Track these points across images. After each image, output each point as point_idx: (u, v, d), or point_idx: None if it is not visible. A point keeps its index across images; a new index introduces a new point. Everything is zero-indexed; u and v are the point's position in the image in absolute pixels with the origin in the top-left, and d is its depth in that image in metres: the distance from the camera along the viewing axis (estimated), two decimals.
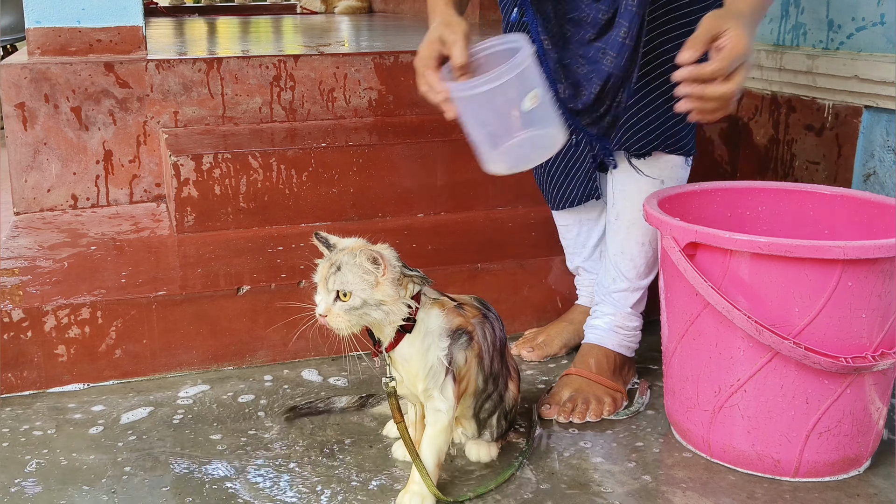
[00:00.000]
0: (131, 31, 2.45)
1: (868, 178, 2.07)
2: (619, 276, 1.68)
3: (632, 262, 1.67)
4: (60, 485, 1.39)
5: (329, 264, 1.26)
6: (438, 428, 1.33)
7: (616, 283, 1.69)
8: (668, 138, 1.60)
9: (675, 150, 1.62)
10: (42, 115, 2.30)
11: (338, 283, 1.24)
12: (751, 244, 1.32)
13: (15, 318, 1.68)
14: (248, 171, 2.14)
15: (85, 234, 2.15)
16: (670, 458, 1.49)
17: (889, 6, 2.01)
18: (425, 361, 1.30)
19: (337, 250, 1.28)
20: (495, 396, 1.43)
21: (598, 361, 1.69)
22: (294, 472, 1.42)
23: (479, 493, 1.36)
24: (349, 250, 1.26)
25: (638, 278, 1.68)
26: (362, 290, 1.24)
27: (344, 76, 2.52)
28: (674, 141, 1.61)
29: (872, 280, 1.32)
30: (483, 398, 1.41)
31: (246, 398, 1.68)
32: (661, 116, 1.58)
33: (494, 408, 1.43)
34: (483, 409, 1.42)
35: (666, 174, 1.64)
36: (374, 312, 1.25)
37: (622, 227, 1.67)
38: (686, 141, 1.63)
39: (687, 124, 1.60)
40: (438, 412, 1.32)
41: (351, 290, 1.24)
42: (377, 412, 1.60)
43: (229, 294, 1.79)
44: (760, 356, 1.36)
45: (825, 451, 1.40)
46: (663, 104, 1.56)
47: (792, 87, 2.26)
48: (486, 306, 1.43)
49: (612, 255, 1.70)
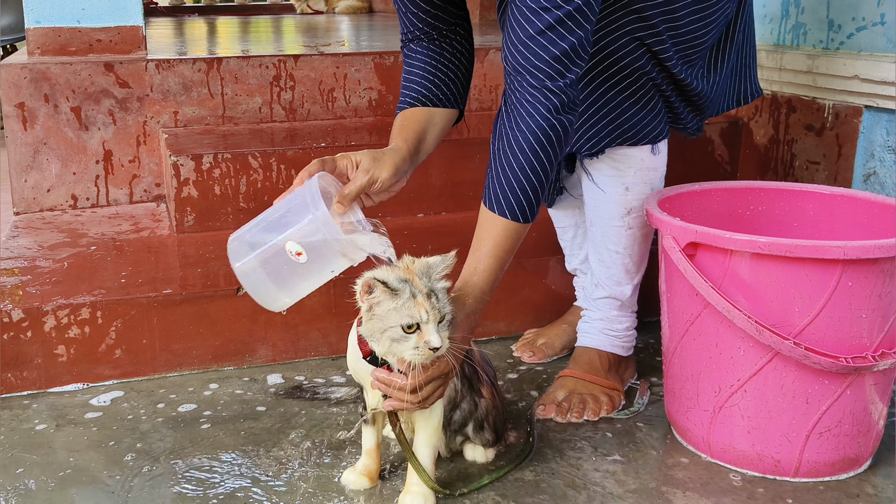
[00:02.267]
0: (131, 31, 2.45)
1: (868, 178, 2.07)
2: (599, 283, 1.68)
3: (608, 270, 1.66)
4: (60, 485, 1.39)
5: (424, 296, 1.18)
6: (431, 430, 1.32)
7: (597, 291, 1.69)
8: (628, 130, 1.51)
9: (639, 140, 1.53)
10: (42, 115, 2.30)
11: (443, 310, 1.18)
12: (751, 244, 1.32)
13: (15, 318, 1.67)
14: (248, 171, 2.14)
15: (85, 234, 2.15)
16: (670, 458, 1.49)
17: (889, 6, 2.01)
18: None
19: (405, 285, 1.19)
20: (465, 406, 1.40)
21: (591, 361, 1.68)
22: (294, 473, 1.42)
23: (473, 488, 1.37)
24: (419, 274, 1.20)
25: (616, 285, 1.66)
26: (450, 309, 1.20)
27: (344, 76, 2.52)
28: (635, 131, 1.52)
29: (873, 280, 1.32)
30: (451, 409, 1.38)
31: (246, 398, 1.68)
32: (614, 109, 1.50)
33: (465, 420, 1.41)
34: (452, 422, 1.40)
35: (628, 173, 1.56)
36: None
37: (596, 234, 1.65)
38: (651, 128, 1.53)
39: (651, 111, 1.52)
40: (430, 415, 1.32)
41: (447, 312, 1.20)
42: None
43: (229, 294, 1.79)
44: (761, 356, 1.36)
45: (825, 451, 1.40)
46: (615, 96, 1.48)
47: (792, 87, 2.26)
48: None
49: (591, 261, 1.69)
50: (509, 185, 1.32)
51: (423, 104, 1.50)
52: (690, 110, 1.60)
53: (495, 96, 2.65)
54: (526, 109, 1.30)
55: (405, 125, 1.47)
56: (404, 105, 1.52)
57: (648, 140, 1.55)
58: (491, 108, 2.65)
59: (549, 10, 1.26)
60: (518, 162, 1.31)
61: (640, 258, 1.65)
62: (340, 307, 1.84)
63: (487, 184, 1.35)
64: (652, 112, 1.53)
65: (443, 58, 1.53)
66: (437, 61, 1.53)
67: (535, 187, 1.32)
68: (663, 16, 1.45)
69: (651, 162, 1.58)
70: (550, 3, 1.26)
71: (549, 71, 1.28)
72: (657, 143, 1.57)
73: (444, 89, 1.51)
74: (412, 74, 1.53)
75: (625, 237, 1.61)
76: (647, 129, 1.54)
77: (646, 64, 1.48)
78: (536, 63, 1.28)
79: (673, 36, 1.48)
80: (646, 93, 1.51)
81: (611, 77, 1.49)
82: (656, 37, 1.46)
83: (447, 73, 1.52)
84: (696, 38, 1.50)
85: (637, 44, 1.46)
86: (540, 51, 1.28)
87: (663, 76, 1.51)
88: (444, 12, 1.52)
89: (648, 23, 1.44)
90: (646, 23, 1.44)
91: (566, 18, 1.27)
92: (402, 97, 1.53)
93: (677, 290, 1.45)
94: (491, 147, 1.37)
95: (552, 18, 1.26)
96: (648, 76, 1.50)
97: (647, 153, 1.57)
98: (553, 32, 1.27)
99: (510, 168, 1.31)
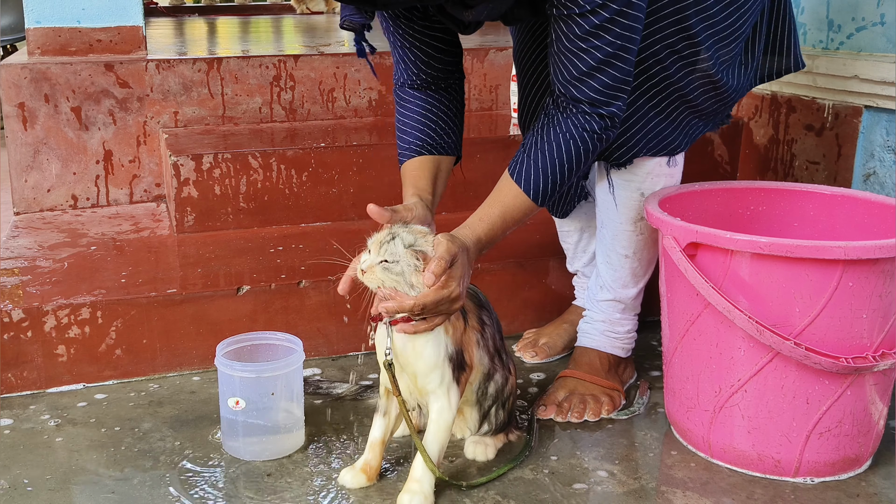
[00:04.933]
0: (131, 31, 2.45)
1: (868, 178, 2.07)
2: (605, 285, 1.68)
3: (615, 273, 1.66)
4: (61, 485, 1.39)
5: (388, 232, 1.29)
6: (442, 425, 1.33)
7: (602, 293, 1.69)
8: (650, 141, 1.54)
9: (658, 151, 1.56)
10: (42, 115, 2.30)
11: (388, 253, 1.27)
12: (752, 244, 1.32)
13: (15, 318, 1.67)
14: (248, 171, 2.14)
15: (85, 234, 2.15)
16: (670, 458, 1.49)
17: (889, 6, 2.01)
18: (436, 357, 1.31)
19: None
20: (499, 379, 1.43)
21: (591, 362, 1.69)
22: (294, 471, 1.42)
23: (473, 486, 1.37)
24: (413, 230, 1.30)
25: (622, 288, 1.66)
26: (406, 265, 1.26)
27: (344, 76, 2.52)
28: (656, 143, 1.55)
29: (873, 280, 1.32)
30: (486, 381, 1.42)
31: None
32: (641, 119, 1.53)
33: (497, 394, 1.44)
34: (487, 395, 1.43)
35: (646, 180, 1.58)
36: (404, 286, 1.27)
37: (606, 236, 1.65)
38: (670, 140, 1.56)
39: (672, 122, 1.54)
40: (443, 410, 1.33)
41: (398, 260, 1.27)
42: (371, 403, 1.62)
43: (229, 294, 1.79)
44: (761, 356, 1.36)
45: (825, 451, 1.40)
46: (643, 105, 1.51)
47: (792, 87, 2.26)
48: (476, 293, 1.45)
49: (598, 263, 1.69)
50: (539, 167, 1.39)
51: (430, 152, 1.54)
52: (719, 107, 1.60)
53: (495, 96, 2.65)
54: (575, 122, 1.39)
55: (420, 174, 1.52)
56: (411, 153, 1.55)
57: (667, 152, 1.57)
58: (491, 108, 2.65)
59: (600, 48, 1.33)
60: (552, 153, 1.39)
61: (648, 262, 1.65)
62: (340, 307, 1.84)
63: (518, 156, 1.42)
64: (673, 124, 1.55)
65: (442, 105, 1.56)
66: (438, 109, 1.56)
67: (556, 181, 1.40)
68: (698, 15, 1.46)
69: (667, 171, 1.60)
70: (601, 40, 1.33)
71: (602, 99, 1.37)
72: (674, 155, 1.59)
73: (445, 138, 1.55)
74: (412, 120, 1.56)
75: (635, 241, 1.62)
76: (668, 141, 1.56)
77: (675, 73, 1.48)
78: (591, 94, 1.37)
79: (711, 35, 1.48)
80: (670, 103, 1.52)
81: (641, 87, 1.50)
82: (689, 39, 1.46)
83: (447, 122, 1.56)
84: (733, 31, 1.51)
85: (668, 52, 1.47)
86: (594, 83, 1.36)
87: (690, 79, 1.50)
88: (444, 63, 1.55)
89: (685, 24, 1.45)
90: (682, 24, 1.45)
91: (613, 58, 1.34)
92: (407, 144, 1.56)
93: (678, 290, 1.45)
94: (536, 124, 1.43)
95: (603, 55, 1.34)
96: (676, 86, 1.50)
97: (664, 163, 1.59)
98: (603, 70, 1.35)
99: (544, 154, 1.40)
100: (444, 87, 1.56)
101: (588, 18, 1.31)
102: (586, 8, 1.30)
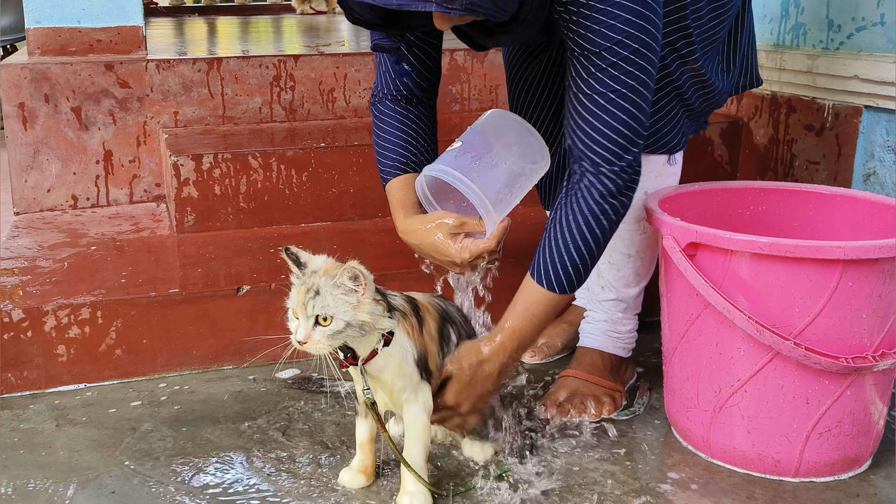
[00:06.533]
0: (131, 31, 2.45)
1: (868, 178, 2.07)
2: (607, 285, 1.68)
3: (618, 273, 1.66)
4: (61, 485, 1.39)
5: (305, 289, 1.20)
6: (420, 427, 1.32)
7: (604, 293, 1.69)
8: (650, 138, 1.55)
9: (657, 149, 1.57)
10: (42, 115, 2.30)
11: (318, 308, 1.18)
12: (751, 244, 1.32)
13: (15, 318, 1.67)
14: (248, 171, 2.14)
15: (85, 234, 2.15)
16: (670, 458, 1.49)
17: (889, 6, 2.01)
18: (400, 370, 1.29)
19: (309, 272, 1.22)
20: None
21: (593, 362, 1.69)
22: (294, 471, 1.42)
23: (469, 489, 1.37)
24: (324, 271, 1.21)
25: (625, 287, 1.67)
26: (344, 313, 1.19)
27: (344, 76, 2.52)
28: (655, 140, 1.56)
29: (873, 280, 1.32)
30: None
31: (246, 397, 1.68)
32: None
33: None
34: None
35: (647, 178, 1.57)
36: (355, 333, 1.21)
37: None
38: (669, 138, 1.57)
39: (671, 121, 1.56)
40: (418, 414, 1.32)
41: (332, 314, 1.19)
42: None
43: (229, 294, 1.79)
44: (761, 356, 1.36)
45: (825, 451, 1.40)
46: None
47: (792, 87, 2.26)
48: (444, 306, 1.41)
49: (601, 264, 1.69)
50: (551, 258, 1.38)
51: (414, 170, 1.53)
52: (705, 108, 1.63)
53: (495, 96, 2.66)
54: (581, 192, 1.37)
55: (408, 195, 1.50)
56: (396, 171, 1.53)
57: (666, 150, 1.58)
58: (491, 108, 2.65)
59: (615, 90, 1.33)
60: (564, 239, 1.38)
61: (650, 261, 1.66)
62: None
63: (536, 252, 1.41)
64: (672, 122, 1.56)
65: (420, 120, 1.56)
66: (416, 124, 1.56)
67: (576, 264, 1.38)
68: (693, 14, 1.48)
69: (668, 169, 1.61)
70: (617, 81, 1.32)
71: (607, 155, 1.35)
72: (674, 153, 1.60)
73: (426, 154, 1.55)
74: (392, 136, 1.55)
75: (638, 241, 1.62)
76: (667, 140, 1.57)
77: (675, 71, 1.50)
78: (606, 144, 1.35)
79: (700, 34, 1.51)
80: (668, 101, 1.54)
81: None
82: (686, 38, 1.49)
83: (426, 137, 1.57)
84: (714, 33, 1.54)
85: (668, 49, 1.48)
86: (609, 131, 1.34)
87: (686, 76, 1.52)
88: (433, 75, 1.56)
89: (683, 23, 1.47)
90: (682, 24, 1.47)
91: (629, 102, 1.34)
92: (391, 162, 1.54)
93: (677, 290, 1.45)
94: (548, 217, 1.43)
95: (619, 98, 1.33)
96: (674, 84, 1.52)
97: (664, 162, 1.60)
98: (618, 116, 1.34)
99: (555, 242, 1.38)
100: (424, 101, 1.57)
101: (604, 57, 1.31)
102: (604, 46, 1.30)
